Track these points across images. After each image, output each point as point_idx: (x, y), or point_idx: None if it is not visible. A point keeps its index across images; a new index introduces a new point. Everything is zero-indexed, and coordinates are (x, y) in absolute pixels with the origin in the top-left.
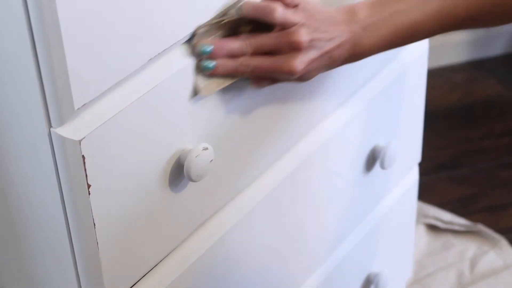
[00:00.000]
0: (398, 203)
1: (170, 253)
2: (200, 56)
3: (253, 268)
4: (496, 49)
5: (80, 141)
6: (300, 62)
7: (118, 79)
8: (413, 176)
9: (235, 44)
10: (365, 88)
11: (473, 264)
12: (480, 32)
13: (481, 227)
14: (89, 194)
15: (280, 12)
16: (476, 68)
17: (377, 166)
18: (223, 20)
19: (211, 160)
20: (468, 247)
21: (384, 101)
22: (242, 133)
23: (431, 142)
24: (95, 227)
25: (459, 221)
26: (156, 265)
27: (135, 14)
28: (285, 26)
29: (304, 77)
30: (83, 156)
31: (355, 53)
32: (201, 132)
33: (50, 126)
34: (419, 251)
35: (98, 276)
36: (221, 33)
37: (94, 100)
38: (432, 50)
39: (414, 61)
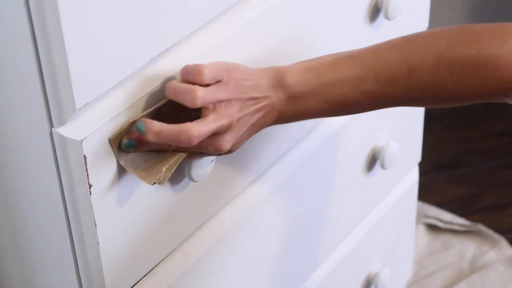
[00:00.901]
0: (398, 203)
1: (171, 253)
2: (125, 150)
3: (253, 268)
4: None
5: (81, 141)
6: (226, 142)
7: (119, 79)
8: (413, 176)
9: (174, 134)
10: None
11: (473, 264)
12: None
13: (481, 227)
14: (91, 194)
15: (200, 98)
16: None
17: (377, 166)
18: (156, 107)
19: (212, 161)
20: (468, 247)
21: None
22: None
23: (431, 142)
24: (96, 227)
25: (459, 221)
26: (157, 265)
27: (136, 14)
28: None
29: (232, 149)
30: (84, 156)
31: (281, 119)
32: None
33: (51, 126)
34: (419, 251)
35: (99, 276)
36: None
37: (96, 100)
38: None
39: None
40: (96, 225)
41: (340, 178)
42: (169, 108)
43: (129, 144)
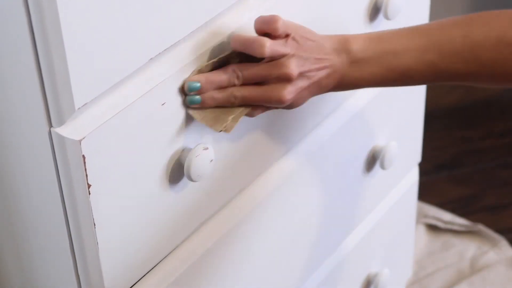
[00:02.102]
0: (398, 203)
1: (170, 253)
2: (189, 93)
3: (253, 268)
4: None
5: (80, 141)
6: (288, 92)
7: (118, 79)
8: (413, 176)
9: (223, 76)
10: (365, 88)
11: (473, 264)
12: None
13: (481, 227)
14: (89, 194)
15: (268, 47)
16: None
17: (377, 166)
18: (220, 58)
19: (211, 160)
20: (468, 247)
21: (384, 101)
22: (242, 133)
23: (431, 142)
24: (95, 227)
25: (459, 221)
26: (156, 265)
27: (135, 14)
28: (274, 58)
29: (293, 104)
30: (83, 156)
31: (342, 84)
32: (202, 132)
33: (50, 125)
34: (419, 251)
35: (98, 276)
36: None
37: (95, 100)
38: None
39: None
40: (95, 225)
41: (340, 178)
42: (231, 61)
43: (193, 100)
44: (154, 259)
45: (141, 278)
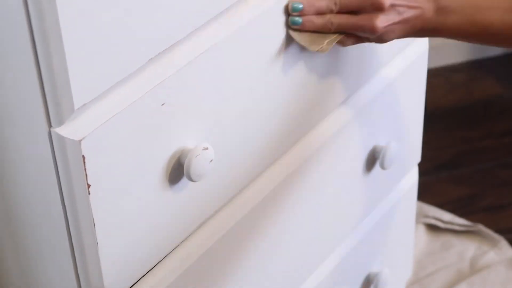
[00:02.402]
0: (398, 203)
1: (170, 253)
2: (292, 14)
3: (253, 268)
4: (496, 49)
5: (80, 141)
6: (381, 21)
7: (118, 79)
8: (413, 176)
9: (323, 2)
10: (365, 88)
11: (473, 264)
12: None
13: (481, 227)
14: (89, 194)
15: None
16: (476, 68)
17: (377, 166)
18: None
19: (211, 160)
20: (468, 247)
21: (384, 101)
22: (242, 133)
23: (431, 142)
24: (95, 227)
25: (459, 221)
26: (156, 265)
27: (135, 14)
28: None
29: (383, 37)
30: (83, 156)
31: (428, 28)
32: (201, 132)
33: (50, 126)
34: (419, 251)
35: (98, 276)
36: None
37: (94, 100)
38: (432, 50)
39: (414, 61)
40: (94, 225)
41: (340, 178)
42: None
43: (294, 21)
44: (154, 259)
45: (141, 278)
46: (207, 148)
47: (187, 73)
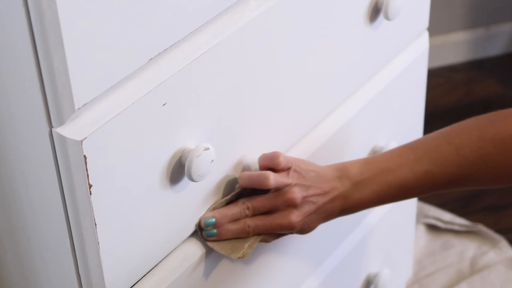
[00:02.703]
0: (398, 203)
1: (170, 253)
2: (207, 229)
3: (253, 268)
4: (496, 49)
5: (81, 141)
6: (296, 216)
7: (118, 79)
8: None
9: (235, 209)
10: (365, 88)
11: (473, 264)
12: (480, 32)
13: (481, 227)
14: (91, 194)
15: (272, 180)
16: (476, 68)
17: None
18: (232, 195)
19: (212, 161)
20: (468, 247)
21: (384, 101)
22: (242, 133)
23: None
24: (96, 227)
25: (459, 221)
26: (157, 264)
27: (135, 14)
28: (279, 189)
29: (304, 229)
30: (84, 156)
31: (347, 206)
32: (203, 132)
33: (51, 126)
34: (419, 251)
35: (99, 276)
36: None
37: (95, 100)
38: (432, 50)
39: (414, 61)
40: (96, 225)
41: None
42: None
43: (210, 234)
44: (155, 259)
45: (142, 277)
46: (208, 148)
47: (188, 73)
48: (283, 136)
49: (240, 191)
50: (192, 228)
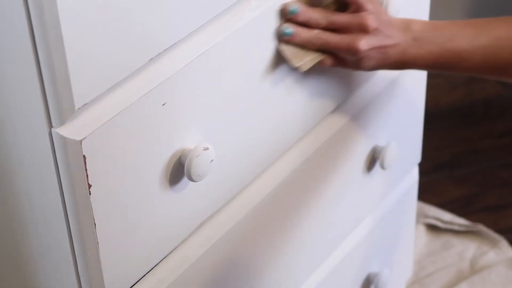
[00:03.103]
0: (398, 203)
1: (170, 253)
2: (287, 15)
3: (253, 268)
4: None
5: (81, 141)
6: (364, 43)
7: (118, 79)
8: (413, 176)
9: (314, 14)
10: (365, 88)
11: (473, 264)
12: None
13: (481, 227)
14: (90, 194)
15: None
16: None
17: (377, 167)
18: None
19: (212, 160)
20: (468, 247)
21: (384, 101)
22: (242, 133)
23: (431, 142)
24: (95, 227)
25: (459, 221)
26: (156, 265)
27: (135, 14)
28: (359, 10)
29: (362, 62)
30: (84, 156)
31: (402, 59)
32: (202, 132)
33: (50, 126)
34: (419, 251)
35: (99, 276)
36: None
37: (95, 100)
38: None
39: None
40: (95, 225)
41: (340, 178)
42: None
43: (286, 31)
44: (154, 259)
45: (141, 278)
46: (207, 148)
47: (188, 73)
48: (283, 135)
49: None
50: (192, 228)
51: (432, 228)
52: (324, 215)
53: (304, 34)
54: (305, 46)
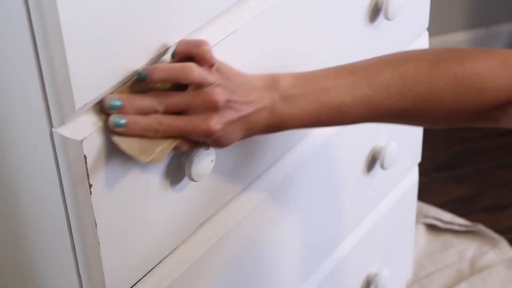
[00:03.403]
0: (398, 203)
1: (170, 253)
2: (109, 112)
3: (253, 268)
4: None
5: (82, 141)
6: (216, 122)
7: (119, 79)
8: (413, 176)
9: (145, 100)
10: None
11: (473, 264)
12: (480, 32)
13: (481, 227)
14: (91, 193)
15: (197, 73)
16: None
17: (377, 167)
18: (140, 84)
19: (212, 160)
20: (468, 247)
21: None
22: None
23: (431, 142)
24: (96, 227)
25: (459, 221)
26: (157, 264)
27: (135, 14)
28: (200, 87)
29: (222, 140)
30: (84, 156)
31: (275, 122)
32: None
33: (51, 126)
34: (419, 251)
35: (100, 275)
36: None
37: (95, 100)
38: None
39: None
40: (96, 224)
41: (340, 178)
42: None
43: (117, 123)
44: (155, 258)
45: (142, 277)
46: (208, 148)
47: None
48: (283, 135)
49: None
50: (193, 228)
51: (432, 228)
52: (324, 215)
53: (142, 121)
54: (146, 135)
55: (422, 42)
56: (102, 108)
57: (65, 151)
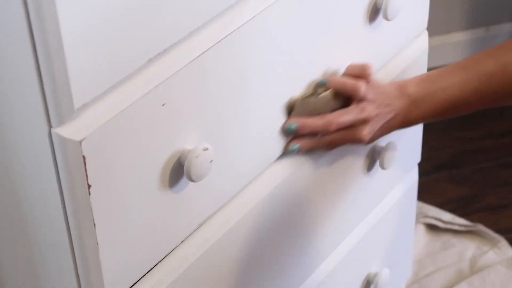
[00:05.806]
0: (398, 203)
1: (170, 253)
2: (287, 133)
3: (252, 268)
4: None
5: (80, 142)
6: (367, 133)
7: (118, 79)
8: (413, 176)
9: (318, 123)
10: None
11: (472, 264)
12: (480, 32)
13: (481, 227)
14: (90, 194)
15: (363, 91)
16: None
17: (377, 166)
18: (313, 95)
19: (211, 161)
20: (468, 247)
21: None
22: (242, 133)
23: (431, 142)
24: (95, 227)
25: (459, 221)
26: (156, 265)
27: (135, 14)
28: (361, 101)
29: (368, 143)
30: (83, 156)
31: (405, 122)
32: (202, 132)
33: (50, 126)
34: (419, 251)
35: (98, 276)
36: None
37: (94, 100)
38: (432, 50)
39: (414, 61)
40: (95, 225)
41: (340, 178)
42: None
43: (293, 149)
44: (154, 259)
45: (141, 278)
46: (207, 149)
47: (187, 73)
48: (283, 135)
49: (314, 90)
50: (192, 228)
51: (432, 228)
52: (324, 215)
53: (310, 142)
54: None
55: (421, 42)
56: (281, 129)
57: (64, 152)
